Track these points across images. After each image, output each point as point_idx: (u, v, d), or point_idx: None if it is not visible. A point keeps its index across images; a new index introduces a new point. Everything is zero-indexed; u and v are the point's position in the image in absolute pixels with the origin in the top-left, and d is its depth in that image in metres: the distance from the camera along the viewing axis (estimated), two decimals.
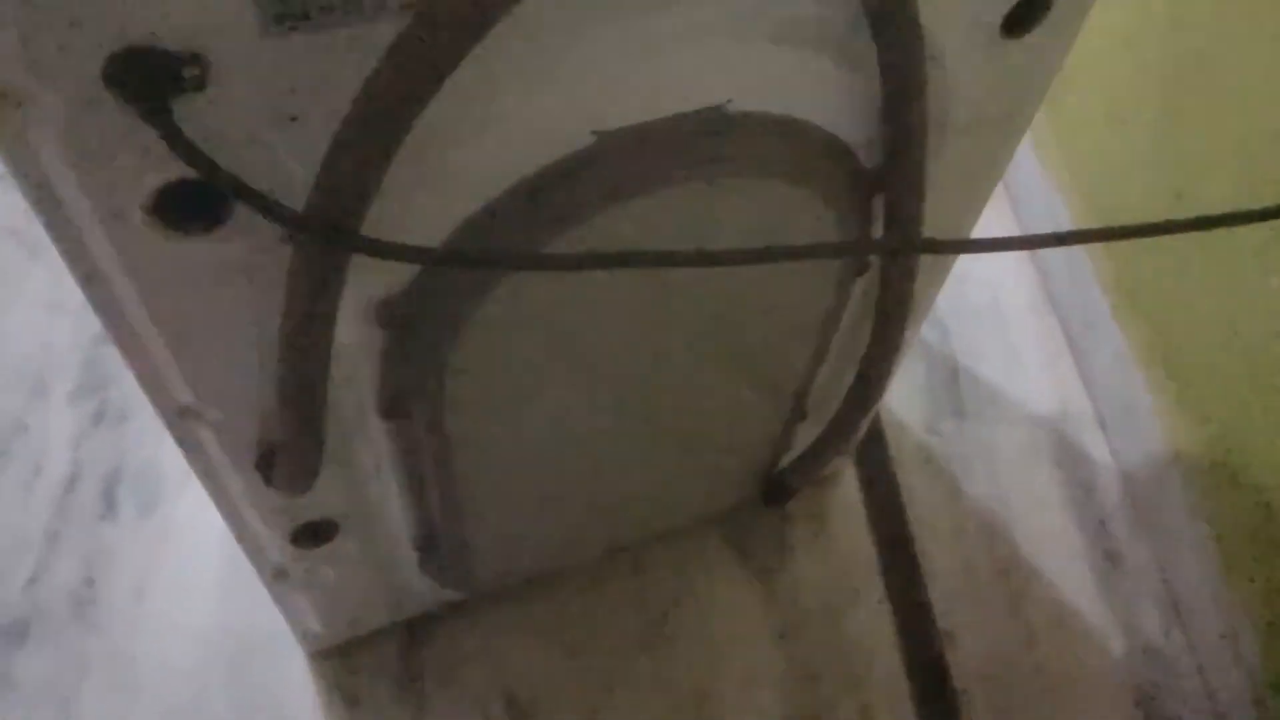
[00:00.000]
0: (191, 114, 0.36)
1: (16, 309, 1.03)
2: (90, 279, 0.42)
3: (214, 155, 0.35)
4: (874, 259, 0.63)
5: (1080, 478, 1.03)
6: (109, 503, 0.93)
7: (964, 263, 1.15)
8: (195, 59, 0.34)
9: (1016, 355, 1.10)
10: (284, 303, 0.43)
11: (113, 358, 1.01)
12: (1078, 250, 1.08)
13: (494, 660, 0.88)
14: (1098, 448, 1.04)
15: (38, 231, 0.39)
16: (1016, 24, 0.50)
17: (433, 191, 0.44)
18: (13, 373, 1.00)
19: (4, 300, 1.04)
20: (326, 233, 0.37)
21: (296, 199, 0.39)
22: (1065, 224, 1.10)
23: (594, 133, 0.45)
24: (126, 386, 0.99)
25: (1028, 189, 1.17)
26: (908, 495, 1.00)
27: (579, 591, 0.91)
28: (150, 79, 0.34)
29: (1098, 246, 1.05)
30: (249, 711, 0.84)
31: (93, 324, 1.02)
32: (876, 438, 1.02)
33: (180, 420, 0.52)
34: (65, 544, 0.91)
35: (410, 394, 0.54)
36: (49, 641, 0.86)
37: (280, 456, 0.54)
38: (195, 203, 0.39)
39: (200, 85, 0.35)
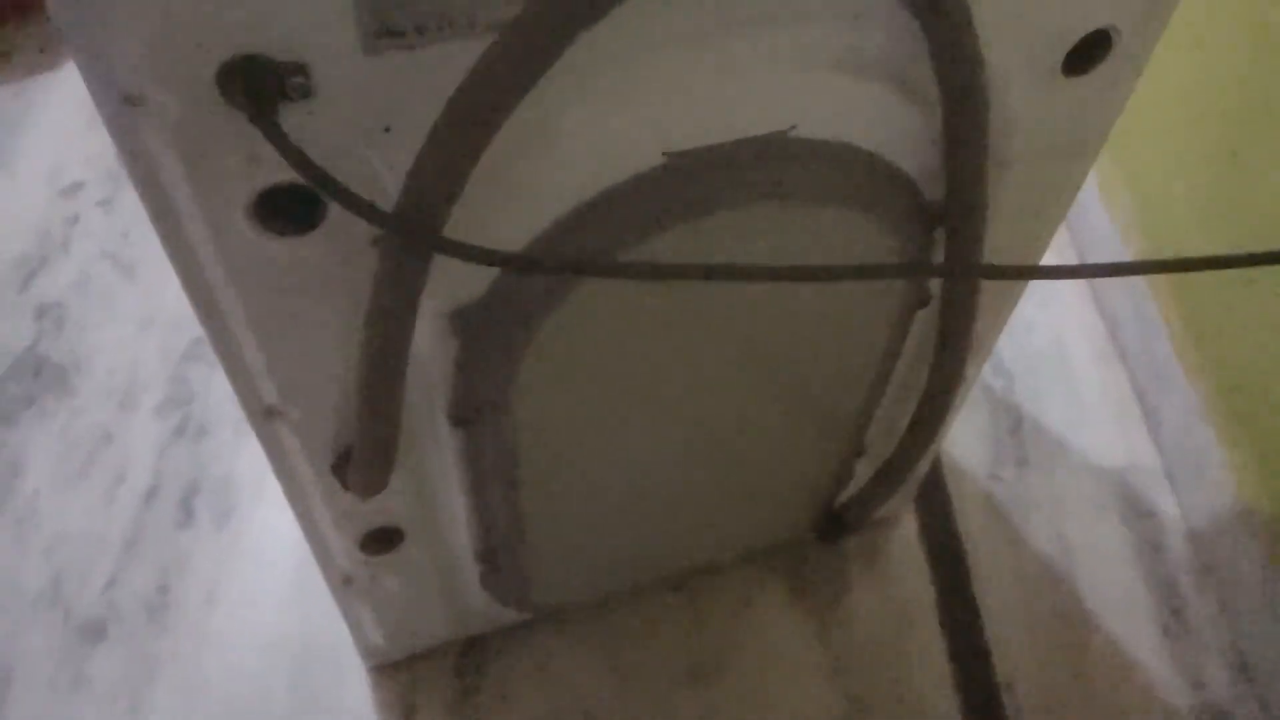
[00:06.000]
0: (295, 122, 0.39)
1: (110, 326, 1.09)
2: (193, 277, 0.45)
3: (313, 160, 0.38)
4: (935, 293, 0.64)
5: (1147, 531, 1.01)
6: (186, 513, 0.97)
7: (1030, 311, 1.15)
8: (301, 69, 0.37)
9: (1082, 406, 1.09)
10: (368, 305, 0.46)
11: (197, 375, 1.06)
12: (1145, 301, 1.07)
13: (548, 683, 0.89)
14: (1165, 501, 1.03)
15: (132, 254, 0.43)
16: (1077, 63, 0.52)
17: (508, 205, 0.47)
18: (103, 386, 1.05)
19: (99, 318, 1.09)
20: (417, 233, 0.40)
21: (385, 205, 0.42)
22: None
23: (665, 154, 0.47)
24: (209, 402, 1.04)
25: (1095, 243, 1.17)
26: (967, 540, 0.99)
27: (635, 621, 0.92)
28: (259, 86, 0.37)
29: (1166, 297, 1.04)
30: (308, 719, 0.86)
31: (180, 342, 1.08)
32: (937, 481, 1.02)
33: (265, 421, 0.55)
34: (143, 551, 0.95)
35: (480, 403, 0.57)
36: (123, 643, 0.90)
37: (355, 459, 0.56)
38: (293, 206, 0.43)
39: (305, 94, 0.38)
